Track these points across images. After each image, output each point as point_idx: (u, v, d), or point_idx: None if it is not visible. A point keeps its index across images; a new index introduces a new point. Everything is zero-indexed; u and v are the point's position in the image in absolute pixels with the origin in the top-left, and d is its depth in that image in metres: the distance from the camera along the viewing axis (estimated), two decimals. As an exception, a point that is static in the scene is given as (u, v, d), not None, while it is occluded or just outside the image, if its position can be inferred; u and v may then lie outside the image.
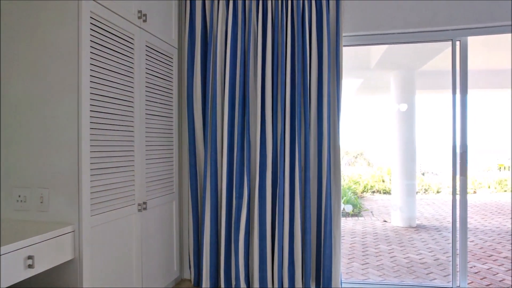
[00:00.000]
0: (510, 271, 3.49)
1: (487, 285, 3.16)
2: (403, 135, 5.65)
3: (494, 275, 3.43)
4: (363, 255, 4.18)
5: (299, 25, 2.70)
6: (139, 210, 2.34)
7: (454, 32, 2.79)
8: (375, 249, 4.48)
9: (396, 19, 2.80)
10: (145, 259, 2.42)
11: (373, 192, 9.83)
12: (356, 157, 13.17)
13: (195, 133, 2.92)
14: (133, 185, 2.29)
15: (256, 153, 2.76)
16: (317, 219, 2.78)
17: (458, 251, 2.88)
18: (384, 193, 9.46)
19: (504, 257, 3.98)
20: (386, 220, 6.22)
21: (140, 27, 2.33)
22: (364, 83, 6.70)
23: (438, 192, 9.73)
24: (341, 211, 2.77)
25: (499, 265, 3.70)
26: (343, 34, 2.80)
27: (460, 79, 2.80)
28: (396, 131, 5.70)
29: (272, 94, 2.77)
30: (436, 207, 7.54)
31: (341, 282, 2.78)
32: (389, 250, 4.42)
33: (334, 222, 2.72)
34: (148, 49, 2.46)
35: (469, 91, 2.84)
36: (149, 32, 2.44)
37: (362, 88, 7.05)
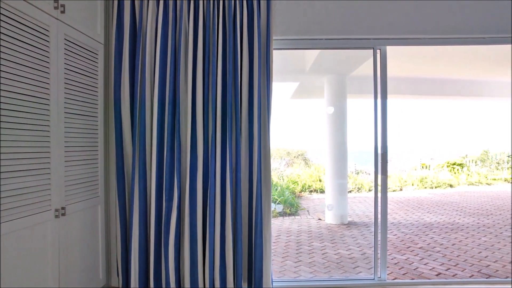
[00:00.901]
0: (424, 260, 3.83)
1: (403, 274, 3.43)
2: (335, 137, 5.95)
3: (410, 264, 3.74)
4: (296, 253, 4.31)
5: (231, 26, 2.71)
6: (56, 216, 2.17)
7: (375, 41, 3.00)
8: (309, 246, 4.65)
9: (324, 26, 2.94)
10: (64, 269, 2.24)
11: (311, 191, 10.22)
12: (296, 157, 13.61)
13: (122, 133, 2.78)
14: (49, 189, 2.11)
15: (187, 155, 2.71)
16: (248, 221, 2.81)
17: (379, 245, 3.10)
18: (321, 192, 9.89)
19: (419, 248, 4.37)
20: (320, 218, 6.49)
21: (57, 19, 2.16)
22: (301, 86, 6.95)
23: (370, 190, 10.38)
24: (271, 212, 2.82)
25: (415, 255, 4.05)
26: (274, 38, 2.86)
27: (381, 85, 3.01)
28: (329, 133, 6.00)
29: (203, 95, 2.74)
30: (367, 204, 8.04)
31: (272, 282, 2.83)
32: (321, 247, 4.61)
33: (264, 223, 2.76)
34: (68, 43, 2.28)
35: (397, 97, 3.07)
36: (68, 25, 2.27)
37: (299, 91, 7.31)
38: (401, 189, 10.78)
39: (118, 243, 2.79)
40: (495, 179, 12.35)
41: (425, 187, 11.06)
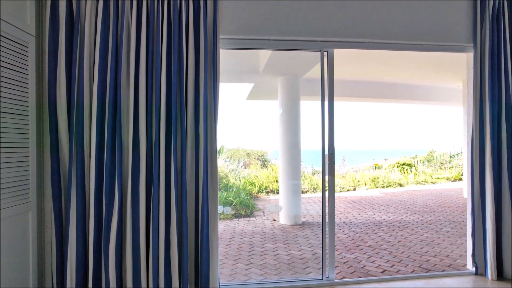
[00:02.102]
0: (371, 258, 3.96)
1: (351, 273, 3.51)
2: (288, 138, 6.01)
3: (358, 263, 3.84)
4: (249, 255, 4.28)
5: (176, 24, 2.61)
6: (-25, 226, 1.95)
7: (322, 44, 3.04)
8: (261, 248, 4.63)
9: (273, 26, 2.93)
10: (-16, 284, 2.03)
11: (268, 192, 10.28)
12: (256, 158, 13.64)
13: (58, 134, 2.58)
14: (-35, 195, 1.90)
15: (129, 156, 2.58)
16: (195, 223, 2.72)
17: (327, 245, 3.14)
18: (277, 193, 9.97)
19: (368, 246, 4.51)
20: (275, 219, 6.53)
21: (-24, 7, 1.95)
22: (256, 87, 6.96)
23: (326, 190, 10.59)
24: (218, 215, 2.76)
25: (363, 254, 4.17)
26: (221, 37, 2.81)
27: (328, 87, 3.06)
28: (282, 134, 6.04)
29: (147, 94, 2.61)
30: (321, 204, 8.17)
31: (219, 285, 2.77)
32: (274, 248, 4.62)
33: (211, 226, 2.69)
34: (-9, 34, 2.08)
35: (353, 100, 3.14)
36: (-10, 14, 2.06)
37: (255, 92, 7.31)
38: (354, 189, 11.15)
39: (53, 252, 2.59)
40: (438, 178, 13.17)
41: (377, 187, 11.54)
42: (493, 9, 3.12)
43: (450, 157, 15.48)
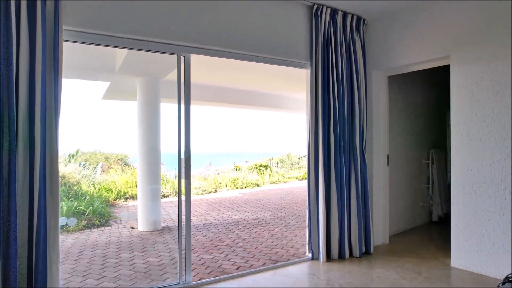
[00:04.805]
0: (228, 257, 4.16)
1: (208, 273, 3.61)
2: (148, 141, 5.80)
3: (215, 262, 3.98)
4: (101, 269, 3.93)
5: (2, 6, 2.21)
6: None
7: (179, 48, 3.05)
8: (116, 259, 4.32)
9: (126, 24, 2.78)
10: None
11: (127, 198, 9.66)
12: (116, 162, 12.60)
13: None
14: None
15: None
16: (28, 241, 2.34)
17: (184, 249, 3.15)
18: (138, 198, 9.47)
19: (225, 245, 4.72)
20: (133, 226, 6.18)
21: None
22: (112, 86, 6.47)
23: (182, 194, 10.59)
24: (59, 227, 2.45)
25: (221, 253, 4.35)
26: (66, 28, 2.51)
27: (184, 91, 3.08)
28: (141, 137, 5.79)
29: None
30: (177, 208, 8.12)
31: (60, 308, 2.45)
32: (130, 257, 4.36)
33: (50, 241, 2.37)
34: None
35: (215, 104, 3.18)
36: None
37: (111, 91, 6.79)
38: (216, 191, 11.52)
39: None
40: (289, 178, 14.83)
41: (237, 188, 12.20)
42: (324, 35, 3.71)
43: (299, 158, 17.62)
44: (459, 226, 3.45)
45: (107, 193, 9.35)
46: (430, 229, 5.13)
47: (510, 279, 1.11)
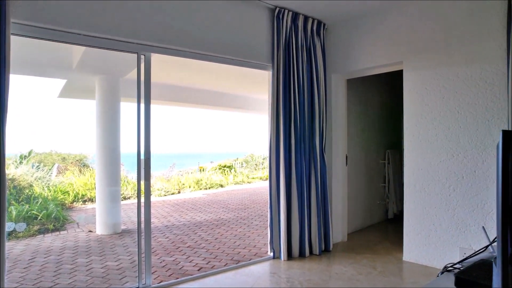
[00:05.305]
0: (189, 258, 4.12)
1: (169, 275, 3.56)
2: (107, 142, 5.60)
3: (176, 264, 3.93)
4: (54, 276, 3.75)
5: None
6: None
7: (139, 47, 2.99)
8: (72, 265, 4.14)
9: (82, 20, 2.68)
10: None
11: (85, 201, 9.27)
12: (74, 163, 12.02)
13: None
14: None
15: None
16: (-29, 247, 2.20)
17: (143, 251, 3.08)
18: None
19: (187, 247, 4.67)
20: (91, 230, 5.94)
21: None
22: (69, 84, 6.19)
23: (141, 195, 10.34)
24: (5, 234, 2.31)
25: (182, 255, 4.30)
26: (14, 21, 2.38)
27: (144, 90, 3.02)
28: (100, 137, 5.58)
29: None
30: (137, 210, 7.92)
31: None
32: (87, 262, 4.20)
33: (-4, 247, 2.23)
34: None
35: (178, 104, 3.13)
36: None
37: (68, 89, 6.49)
38: (179, 192, 11.34)
39: None
40: (253, 178, 14.90)
41: (200, 188, 12.08)
42: (286, 38, 3.78)
43: (263, 159, 17.76)
44: (411, 222, 3.65)
45: (64, 195, 8.93)
46: (386, 226, 5.38)
47: (448, 269, 1.21)
